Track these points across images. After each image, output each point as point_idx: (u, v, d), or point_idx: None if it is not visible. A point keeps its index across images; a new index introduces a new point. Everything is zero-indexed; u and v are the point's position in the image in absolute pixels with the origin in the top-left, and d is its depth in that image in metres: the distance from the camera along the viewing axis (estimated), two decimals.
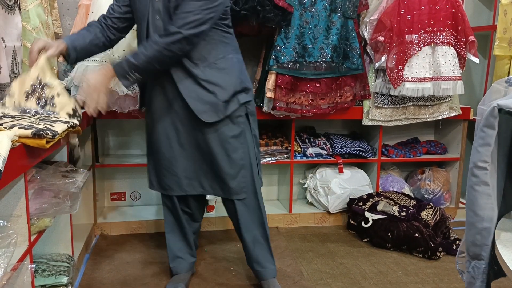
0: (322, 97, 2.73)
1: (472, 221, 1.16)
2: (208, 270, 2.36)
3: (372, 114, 2.92)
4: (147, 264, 2.42)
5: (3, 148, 1.20)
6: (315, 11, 2.63)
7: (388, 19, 2.69)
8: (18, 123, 1.42)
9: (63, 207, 1.71)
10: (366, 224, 2.73)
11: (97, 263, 2.42)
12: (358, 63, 2.76)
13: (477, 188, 1.14)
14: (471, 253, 1.19)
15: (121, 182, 3.07)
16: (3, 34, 1.80)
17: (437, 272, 2.40)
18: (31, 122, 1.48)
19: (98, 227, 2.79)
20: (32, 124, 1.43)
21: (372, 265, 2.47)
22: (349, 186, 3.00)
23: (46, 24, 2.41)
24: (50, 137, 1.40)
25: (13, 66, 1.91)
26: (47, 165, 1.80)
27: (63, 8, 2.77)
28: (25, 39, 2.17)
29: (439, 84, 2.77)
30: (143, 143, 3.07)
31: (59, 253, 2.03)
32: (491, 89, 1.27)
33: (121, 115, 2.61)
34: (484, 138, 1.11)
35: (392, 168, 3.32)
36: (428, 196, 3.14)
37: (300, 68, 2.64)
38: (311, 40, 2.64)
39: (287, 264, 2.45)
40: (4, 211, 1.46)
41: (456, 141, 3.22)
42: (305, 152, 3.00)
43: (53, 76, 1.77)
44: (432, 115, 2.98)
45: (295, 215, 3.04)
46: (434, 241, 2.55)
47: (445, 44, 2.76)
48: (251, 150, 2.02)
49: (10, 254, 1.29)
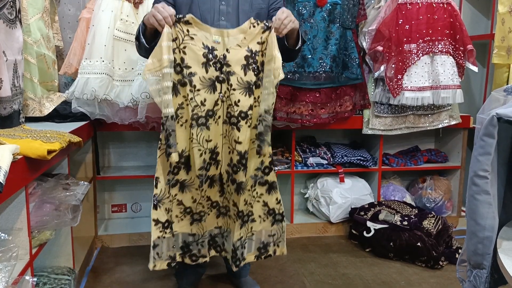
0: (322, 107, 2.74)
1: (473, 230, 1.16)
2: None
3: (372, 123, 2.92)
4: (148, 276, 2.40)
5: (4, 161, 1.20)
6: (314, 22, 2.65)
7: (387, 29, 2.70)
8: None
9: (64, 220, 1.70)
10: (368, 234, 2.72)
11: (98, 276, 2.41)
12: (357, 73, 2.77)
13: (478, 197, 1.14)
14: (472, 262, 1.19)
15: (121, 194, 3.07)
16: (5, 47, 1.81)
17: (440, 282, 2.39)
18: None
19: (99, 239, 2.79)
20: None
21: (375, 275, 2.46)
22: (350, 195, 2.99)
23: (47, 37, 2.43)
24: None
25: (14, 80, 1.92)
26: (48, 178, 1.81)
27: (64, 21, 2.80)
28: (26, 52, 2.18)
29: (438, 93, 2.78)
30: (143, 154, 3.07)
31: (60, 266, 2.02)
32: (490, 98, 1.27)
33: (121, 126, 2.61)
34: (484, 147, 1.12)
35: (393, 177, 3.32)
36: (430, 205, 3.13)
37: (299, 78, 2.66)
38: (310, 51, 2.65)
39: (289, 275, 2.44)
40: (5, 224, 1.46)
41: (457, 150, 3.22)
42: (305, 162, 3.00)
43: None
44: (432, 124, 2.99)
45: (296, 225, 3.03)
46: (437, 250, 2.54)
47: (443, 53, 2.77)
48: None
49: (11, 268, 1.28)
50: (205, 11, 1.90)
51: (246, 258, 2.02)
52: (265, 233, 2.05)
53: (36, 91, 2.28)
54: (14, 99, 1.91)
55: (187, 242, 2.00)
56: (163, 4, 1.76)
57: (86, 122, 2.39)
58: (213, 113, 1.86)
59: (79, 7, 2.78)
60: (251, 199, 1.98)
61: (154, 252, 1.94)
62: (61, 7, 2.79)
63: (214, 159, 1.91)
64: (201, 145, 1.86)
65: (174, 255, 1.99)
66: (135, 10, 2.43)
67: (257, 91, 1.87)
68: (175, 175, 1.92)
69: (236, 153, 1.85)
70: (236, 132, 1.84)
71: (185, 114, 1.85)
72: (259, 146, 1.88)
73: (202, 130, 1.84)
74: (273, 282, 2.37)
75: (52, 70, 2.49)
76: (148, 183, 2.37)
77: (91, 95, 2.30)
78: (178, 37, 1.80)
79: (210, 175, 1.93)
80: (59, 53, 2.68)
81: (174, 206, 1.96)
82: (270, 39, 1.81)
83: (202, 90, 1.83)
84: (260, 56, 1.86)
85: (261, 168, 1.97)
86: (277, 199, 2.04)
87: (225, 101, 1.85)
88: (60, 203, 1.72)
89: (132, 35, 2.38)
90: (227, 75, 1.82)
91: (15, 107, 1.92)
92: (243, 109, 1.84)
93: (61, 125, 2.21)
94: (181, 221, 1.99)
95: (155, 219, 1.93)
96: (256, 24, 1.83)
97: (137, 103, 2.39)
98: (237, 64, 1.83)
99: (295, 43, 1.94)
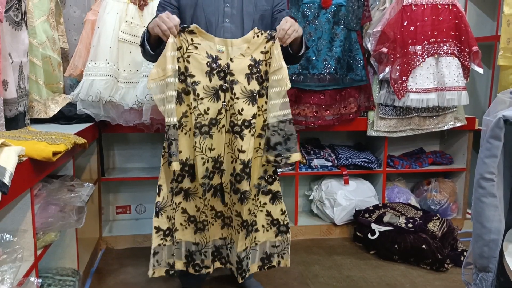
0: (326, 109, 2.73)
1: (479, 233, 1.15)
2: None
3: (377, 125, 2.91)
4: (153, 278, 2.40)
5: (10, 163, 1.21)
6: (318, 23, 2.65)
7: (392, 31, 2.70)
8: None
9: (69, 221, 1.71)
10: (373, 236, 2.71)
11: (103, 277, 2.42)
12: (362, 75, 2.76)
13: (484, 199, 1.13)
14: (478, 265, 1.18)
15: (126, 195, 3.07)
16: (10, 49, 1.82)
17: (445, 285, 2.37)
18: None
19: (103, 240, 2.79)
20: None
21: (380, 277, 2.45)
22: (354, 197, 2.99)
23: (53, 39, 2.44)
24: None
25: (19, 82, 1.93)
26: (53, 180, 1.81)
27: (69, 23, 2.81)
28: (32, 54, 2.19)
29: (443, 94, 2.77)
30: (148, 156, 3.08)
31: (64, 268, 2.03)
32: (496, 100, 1.26)
33: (126, 128, 2.62)
34: (490, 149, 1.11)
35: (398, 179, 3.30)
36: (435, 207, 3.12)
37: (304, 80, 2.65)
38: (315, 52, 2.65)
39: (293, 278, 2.43)
40: (11, 226, 1.46)
41: (462, 152, 3.21)
42: (310, 164, 3.00)
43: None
44: (437, 126, 2.97)
45: (300, 227, 3.02)
46: (442, 253, 2.53)
47: (448, 55, 2.76)
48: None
49: (17, 269, 1.29)
50: (210, 13, 1.90)
51: (250, 269, 2.03)
52: (269, 244, 2.06)
53: (42, 93, 2.29)
54: (19, 101, 1.92)
55: (191, 251, 2.01)
56: (167, 13, 1.76)
57: (91, 124, 2.39)
58: (217, 122, 1.86)
59: (85, 9, 2.79)
60: (255, 208, 1.98)
61: (154, 259, 1.95)
62: (67, 9, 2.80)
63: (217, 168, 1.91)
64: (204, 154, 1.86)
65: (173, 263, 1.99)
66: (140, 12, 2.44)
67: (260, 100, 1.87)
68: (179, 183, 1.93)
69: (240, 162, 1.85)
70: (239, 140, 1.84)
71: (189, 122, 1.86)
72: (278, 156, 1.87)
73: (205, 139, 1.85)
74: (277, 284, 2.36)
75: (57, 72, 2.50)
76: (153, 184, 2.37)
77: (96, 97, 2.31)
78: (182, 46, 1.80)
79: (214, 184, 1.93)
80: (64, 55, 2.69)
81: (178, 214, 1.97)
82: (276, 50, 1.82)
83: (206, 99, 1.83)
84: (264, 65, 1.86)
85: (265, 177, 1.98)
86: (282, 210, 2.03)
87: (228, 110, 1.86)
88: (65, 204, 1.72)
89: (137, 37, 2.38)
90: (230, 84, 1.83)
91: (20, 109, 1.93)
92: (247, 118, 1.84)
93: (66, 127, 2.22)
94: (185, 229, 1.99)
95: (156, 226, 1.94)
96: (260, 33, 1.84)
97: (141, 105, 2.39)
98: (240, 73, 1.83)
99: (298, 49, 1.94)
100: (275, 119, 1.85)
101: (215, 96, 1.84)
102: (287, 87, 1.84)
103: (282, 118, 1.86)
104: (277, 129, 1.85)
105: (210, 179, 1.91)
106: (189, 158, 1.89)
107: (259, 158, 1.93)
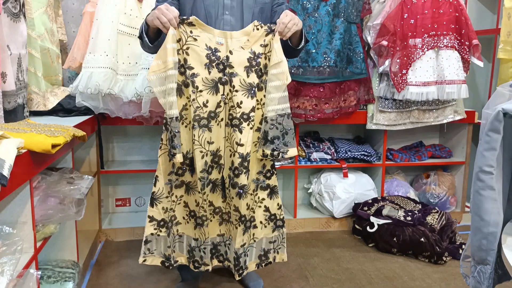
0: (326, 102, 2.73)
1: (477, 226, 1.16)
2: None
3: (376, 119, 2.91)
4: (152, 269, 2.41)
5: (9, 155, 1.21)
6: (318, 16, 2.64)
7: (392, 24, 2.69)
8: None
9: (68, 214, 1.71)
10: (372, 229, 2.72)
11: (102, 269, 2.43)
12: (362, 68, 2.76)
13: (483, 192, 1.14)
14: (476, 258, 1.18)
15: (125, 188, 3.08)
16: (9, 41, 1.82)
17: (443, 277, 2.39)
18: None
19: (103, 233, 2.80)
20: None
21: (378, 270, 2.46)
22: (354, 190, 2.99)
23: (51, 31, 2.43)
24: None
25: (18, 74, 1.92)
26: (52, 172, 1.81)
27: (68, 15, 2.79)
28: (30, 46, 2.18)
29: (443, 88, 2.77)
30: (147, 149, 3.08)
31: (64, 260, 2.04)
32: (495, 93, 1.26)
33: (125, 121, 2.62)
34: (490, 142, 1.11)
35: (397, 173, 3.31)
36: (434, 200, 3.13)
37: (303, 73, 2.65)
38: (315, 45, 2.64)
39: (292, 270, 2.44)
40: (10, 218, 1.47)
41: (461, 145, 3.21)
42: (309, 157, 3.00)
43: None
44: (437, 119, 2.97)
45: (299, 220, 3.03)
46: (440, 246, 2.54)
47: (448, 48, 2.76)
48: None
49: (16, 261, 1.29)
50: (209, 5, 1.89)
51: (248, 267, 2.03)
52: (266, 240, 2.06)
53: (40, 85, 2.28)
54: (18, 93, 1.91)
55: (192, 247, 2.01)
56: (166, 5, 1.75)
57: (90, 116, 2.39)
58: (216, 115, 1.85)
59: (83, 1, 2.77)
60: (253, 203, 1.98)
61: (145, 247, 1.97)
62: (65, 1, 2.79)
63: (216, 162, 1.90)
64: (203, 147, 1.85)
65: (169, 255, 1.99)
66: (139, 4, 2.43)
67: (259, 93, 1.86)
68: (180, 176, 1.93)
69: (238, 156, 1.84)
70: (238, 134, 1.83)
71: (189, 115, 1.85)
72: (275, 150, 1.86)
73: (203, 132, 1.84)
74: (276, 276, 2.38)
75: (56, 64, 2.49)
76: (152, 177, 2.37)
77: (95, 89, 2.30)
78: (182, 38, 1.79)
79: (213, 179, 1.93)
80: (63, 47, 2.68)
81: (180, 207, 1.98)
82: (275, 43, 1.81)
83: (205, 91, 1.82)
84: (263, 58, 1.85)
85: (263, 172, 1.97)
86: (278, 205, 2.03)
87: (227, 103, 1.85)
88: (64, 197, 1.72)
89: (136, 29, 2.37)
90: (229, 77, 1.82)
91: (19, 101, 1.93)
92: (246, 111, 1.83)
93: (65, 119, 2.22)
94: (187, 223, 1.99)
95: (150, 216, 1.95)
96: (260, 26, 1.83)
97: (141, 98, 2.39)
98: (240, 66, 1.82)
99: (298, 43, 1.93)
100: (274, 112, 1.85)
101: (214, 88, 1.83)
102: (287, 81, 1.83)
103: (281, 112, 1.85)
104: (276, 123, 1.85)
105: (209, 174, 1.90)
106: (189, 152, 1.89)
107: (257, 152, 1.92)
